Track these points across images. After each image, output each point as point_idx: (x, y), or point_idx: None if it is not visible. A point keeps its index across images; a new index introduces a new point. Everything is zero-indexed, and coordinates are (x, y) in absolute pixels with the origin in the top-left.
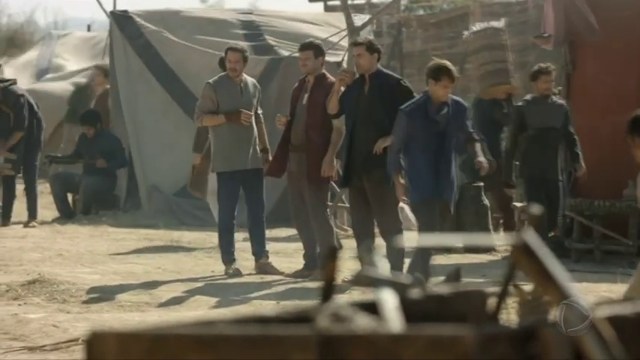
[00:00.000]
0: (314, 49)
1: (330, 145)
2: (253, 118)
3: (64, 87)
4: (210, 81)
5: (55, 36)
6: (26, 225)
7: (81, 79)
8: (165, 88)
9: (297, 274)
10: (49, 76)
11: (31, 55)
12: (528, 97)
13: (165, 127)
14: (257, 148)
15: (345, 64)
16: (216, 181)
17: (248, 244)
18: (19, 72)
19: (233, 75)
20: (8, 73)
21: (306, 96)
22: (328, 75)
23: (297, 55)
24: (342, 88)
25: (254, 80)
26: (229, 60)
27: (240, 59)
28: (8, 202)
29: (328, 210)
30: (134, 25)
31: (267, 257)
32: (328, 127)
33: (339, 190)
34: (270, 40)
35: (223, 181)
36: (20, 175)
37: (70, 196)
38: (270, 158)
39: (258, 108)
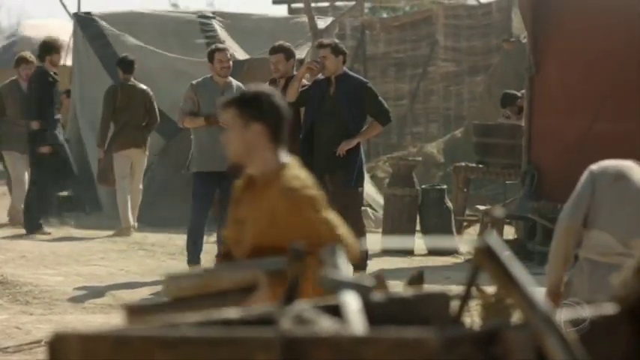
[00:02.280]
0: (285, 52)
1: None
2: None
3: None
4: (193, 82)
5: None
6: None
7: None
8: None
9: None
10: None
11: None
12: None
13: None
14: None
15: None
16: (192, 181)
17: (213, 246)
18: None
19: (224, 74)
20: None
21: None
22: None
23: (259, 57)
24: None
25: (240, 84)
26: (220, 60)
27: (228, 59)
28: None
29: None
30: (97, 27)
31: None
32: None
33: None
34: (233, 44)
35: (199, 182)
36: None
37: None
38: None
39: None
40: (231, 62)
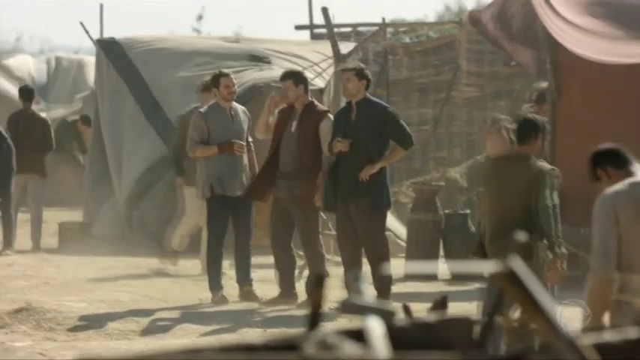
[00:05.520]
0: (293, 78)
1: (323, 174)
2: (245, 146)
3: None
4: (201, 110)
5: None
6: (0, 253)
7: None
8: (142, 110)
9: (273, 302)
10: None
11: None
12: None
13: (144, 148)
14: (247, 175)
15: (330, 91)
16: (206, 207)
17: (233, 271)
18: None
19: (231, 98)
20: None
21: (294, 124)
22: (317, 103)
23: (275, 85)
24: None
25: (244, 108)
26: (227, 85)
27: (234, 83)
28: None
29: (321, 237)
30: (121, 51)
31: (251, 285)
32: (320, 155)
33: (325, 217)
34: (257, 68)
35: (213, 208)
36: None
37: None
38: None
39: (249, 136)
40: (235, 87)
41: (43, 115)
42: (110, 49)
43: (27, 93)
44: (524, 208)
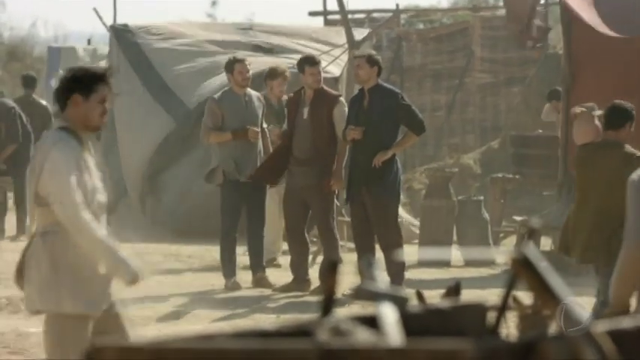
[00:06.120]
0: (320, 63)
1: (337, 158)
2: (259, 132)
3: None
4: (215, 96)
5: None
6: (15, 239)
7: None
8: (152, 95)
9: (286, 288)
10: None
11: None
12: None
13: (152, 129)
14: (261, 161)
15: (344, 79)
16: (220, 194)
17: (246, 258)
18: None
19: (245, 84)
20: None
21: (306, 110)
22: (326, 88)
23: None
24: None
25: (258, 94)
26: (240, 71)
27: (249, 69)
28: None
29: (335, 223)
30: (133, 38)
31: (264, 271)
32: (334, 140)
33: (338, 204)
34: (269, 55)
35: (226, 194)
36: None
37: None
38: None
39: (263, 122)
40: (250, 73)
41: (44, 102)
42: (123, 37)
43: (29, 80)
44: (618, 197)
